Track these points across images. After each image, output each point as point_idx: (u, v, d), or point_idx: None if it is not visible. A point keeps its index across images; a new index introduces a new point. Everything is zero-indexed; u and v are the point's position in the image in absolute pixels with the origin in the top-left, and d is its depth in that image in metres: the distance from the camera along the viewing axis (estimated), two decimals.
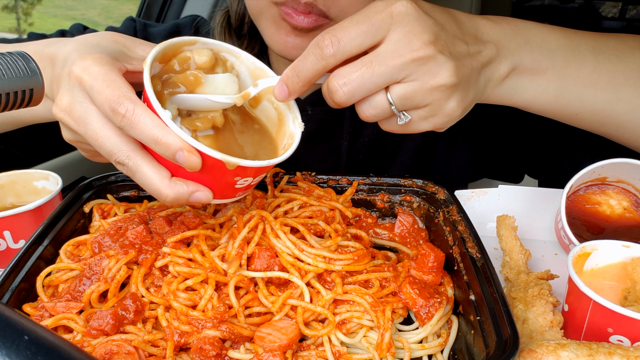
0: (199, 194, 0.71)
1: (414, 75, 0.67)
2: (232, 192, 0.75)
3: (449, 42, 0.69)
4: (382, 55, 0.67)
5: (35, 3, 9.74)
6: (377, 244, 0.93)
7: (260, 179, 0.79)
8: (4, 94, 0.60)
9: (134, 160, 0.69)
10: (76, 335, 0.70)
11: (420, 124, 0.73)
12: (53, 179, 1.04)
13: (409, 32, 0.66)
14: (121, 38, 0.81)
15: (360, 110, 0.72)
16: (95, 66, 0.69)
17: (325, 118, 1.22)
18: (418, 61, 0.66)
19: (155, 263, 0.78)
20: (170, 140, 0.65)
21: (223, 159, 0.67)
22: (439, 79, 0.68)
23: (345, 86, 0.68)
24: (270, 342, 0.69)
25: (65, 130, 0.76)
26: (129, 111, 0.65)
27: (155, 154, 0.69)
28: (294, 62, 0.70)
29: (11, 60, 0.61)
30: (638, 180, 0.94)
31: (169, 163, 0.69)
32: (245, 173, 0.71)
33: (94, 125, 0.69)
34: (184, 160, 0.65)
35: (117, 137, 0.69)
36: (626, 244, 0.78)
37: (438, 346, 0.73)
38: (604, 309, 0.68)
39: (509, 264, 0.87)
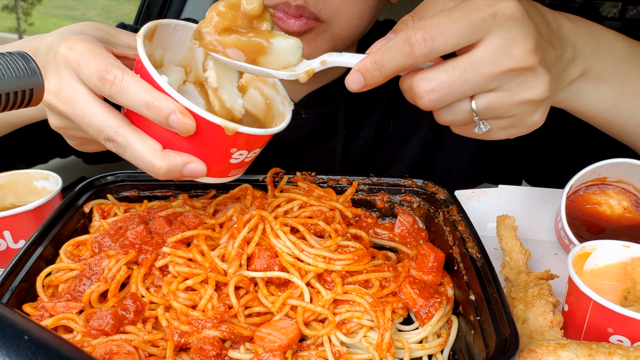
0: (192, 165, 0.68)
1: (506, 85, 0.62)
2: (226, 168, 0.72)
3: (545, 50, 0.64)
4: (478, 62, 0.61)
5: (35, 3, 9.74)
6: (377, 244, 0.93)
7: (252, 159, 0.75)
8: (3, 94, 0.60)
9: (123, 135, 0.67)
10: (76, 335, 0.70)
11: (496, 133, 0.69)
12: (53, 179, 1.04)
13: (511, 38, 0.60)
14: (105, 27, 0.80)
15: (439, 114, 0.67)
16: (80, 43, 0.68)
17: (320, 121, 1.22)
18: (515, 72, 0.61)
19: (155, 263, 0.78)
20: (162, 103, 0.63)
21: (222, 124, 0.64)
22: (533, 93, 0.63)
23: (433, 93, 0.62)
24: (270, 342, 0.69)
25: (53, 115, 0.75)
26: (117, 77, 0.64)
27: (146, 128, 0.67)
28: (375, 54, 0.64)
29: (11, 60, 0.61)
30: (638, 180, 0.94)
31: (160, 137, 0.67)
32: (241, 143, 0.68)
33: (82, 104, 0.68)
34: (177, 123, 0.63)
35: (105, 114, 0.67)
36: (626, 244, 0.78)
37: (438, 346, 0.73)
38: (604, 309, 0.68)
39: (509, 264, 0.87)
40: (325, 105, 1.20)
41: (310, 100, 1.20)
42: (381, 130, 1.26)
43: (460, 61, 0.62)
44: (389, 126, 1.26)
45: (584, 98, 0.77)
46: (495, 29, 0.60)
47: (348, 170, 1.26)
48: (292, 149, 1.24)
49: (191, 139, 0.66)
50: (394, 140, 1.27)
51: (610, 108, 0.80)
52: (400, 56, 0.62)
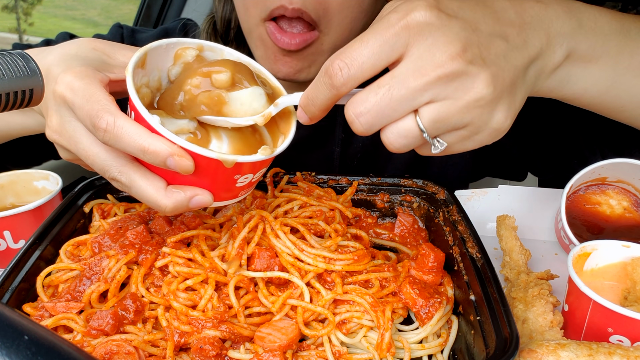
0: (198, 198, 0.68)
1: (443, 94, 0.58)
2: (233, 191, 0.73)
3: (483, 46, 0.59)
4: (402, 76, 0.58)
5: (35, 3, 9.74)
6: (377, 244, 0.93)
7: (262, 176, 0.76)
8: (4, 94, 0.60)
9: (127, 175, 0.67)
10: (76, 335, 0.70)
11: (464, 144, 0.64)
12: (53, 179, 1.04)
13: (431, 45, 0.57)
14: (100, 45, 0.78)
15: (387, 140, 0.63)
16: (76, 81, 0.67)
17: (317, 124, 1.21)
18: (445, 78, 0.57)
19: (155, 263, 0.78)
20: (158, 148, 0.62)
21: (220, 158, 0.65)
22: (474, 94, 0.58)
23: (362, 116, 0.60)
24: (270, 342, 0.69)
25: (61, 150, 0.75)
26: (109, 124, 0.63)
27: (147, 164, 0.67)
28: (307, 90, 0.64)
29: (11, 60, 0.61)
30: (638, 180, 0.94)
31: (163, 171, 0.67)
32: (244, 170, 0.69)
33: (84, 144, 0.68)
34: (175, 165, 0.63)
35: (106, 153, 0.67)
36: (626, 244, 0.78)
37: (438, 346, 0.73)
38: (604, 309, 0.68)
39: (509, 264, 0.87)
40: None
41: None
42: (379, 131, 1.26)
43: (384, 79, 0.59)
44: None
45: (573, 84, 0.71)
46: (412, 39, 0.57)
47: (347, 173, 1.26)
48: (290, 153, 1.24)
49: (194, 173, 0.66)
50: None
51: (606, 91, 0.74)
52: (324, 89, 0.61)
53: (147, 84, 0.73)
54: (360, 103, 0.60)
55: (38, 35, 8.50)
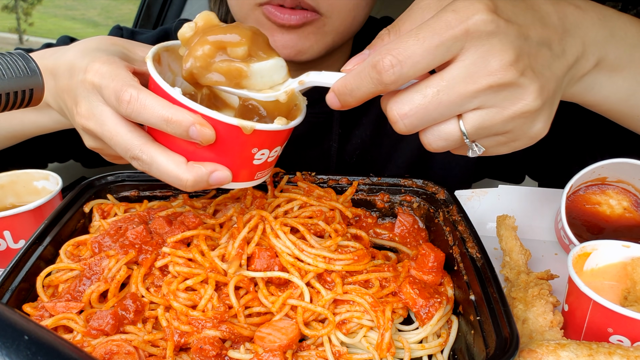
0: (218, 173, 0.69)
1: (491, 102, 0.57)
2: (250, 171, 0.73)
3: (533, 55, 0.58)
4: (452, 81, 0.57)
5: (35, 3, 9.75)
6: (377, 244, 0.93)
7: (275, 158, 0.76)
8: (4, 94, 0.60)
9: (148, 152, 0.68)
10: (76, 335, 0.70)
11: (498, 149, 0.64)
12: (53, 179, 1.04)
13: (487, 51, 0.56)
14: (119, 41, 0.81)
15: (426, 140, 0.62)
16: (103, 66, 0.70)
17: (315, 120, 1.19)
18: (496, 87, 0.56)
19: (155, 263, 0.78)
20: (180, 117, 0.64)
21: (239, 124, 0.65)
22: (521, 106, 0.57)
23: (407, 118, 0.59)
24: (270, 342, 0.69)
25: (88, 137, 0.77)
26: (133, 96, 0.66)
27: (168, 143, 0.69)
28: (347, 78, 0.61)
29: (11, 60, 0.61)
30: (638, 180, 0.94)
31: (182, 149, 0.69)
32: (261, 141, 0.69)
33: (109, 125, 0.70)
34: (197, 134, 0.64)
35: (129, 133, 0.69)
36: (626, 244, 0.78)
37: (438, 346, 0.73)
38: (604, 309, 0.68)
39: (509, 264, 0.87)
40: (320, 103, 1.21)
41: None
42: (378, 127, 1.25)
43: (433, 81, 0.58)
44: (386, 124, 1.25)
45: (598, 90, 0.71)
46: (469, 44, 0.56)
47: (345, 169, 1.25)
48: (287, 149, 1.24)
49: (213, 147, 0.67)
50: (391, 138, 1.26)
51: (626, 99, 0.74)
52: (369, 83, 0.59)
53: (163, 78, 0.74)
54: (405, 103, 0.59)
55: (38, 36, 8.50)
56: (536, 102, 0.58)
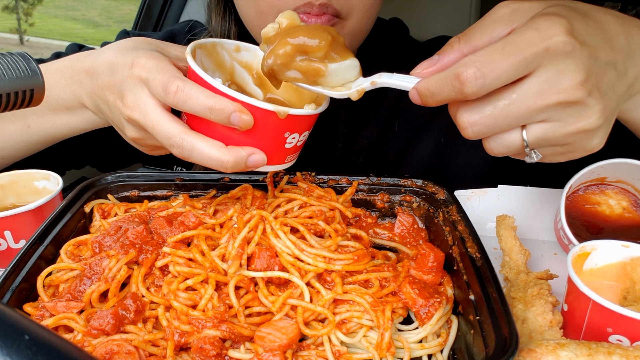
0: (255, 157, 0.75)
1: (557, 116, 0.61)
2: (282, 154, 0.79)
3: (600, 75, 0.61)
4: (524, 95, 0.60)
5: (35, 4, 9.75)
6: (377, 244, 0.93)
7: (303, 142, 0.82)
8: (4, 94, 0.60)
9: (188, 140, 0.73)
10: (77, 335, 0.71)
11: (554, 158, 0.68)
12: (54, 179, 1.04)
13: (561, 70, 0.59)
14: (152, 40, 0.86)
15: (489, 146, 0.66)
16: (149, 61, 0.76)
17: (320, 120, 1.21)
18: (564, 104, 0.60)
19: (155, 263, 0.79)
20: (223, 105, 0.69)
21: (275, 109, 0.71)
22: (585, 124, 0.61)
23: (476, 126, 0.63)
24: (270, 342, 0.69)
25: (131, 128, 0.83)
26: (179, 87, 0.71)
27: (206, 131, 0.75)
28: (430, 83, 0.64)
29: (12, 60, 0.61)
30: (637, 180, 0.94)
31: (220, 136, 0.74)
32: (293, 126, 0.75)
33: (152, 115, 0.75)
34: (238, 120, 0.70)
35: (170, 122, 0.75)
36: (625, 244, 0.79)
37: (438, 346, 0.73)
38: (603, 308, 0.68)
39: (509, 264, 0.87)
40: None
41: None
42: (386, 129, 1.25)
43: (506, 93, 0.61)
44: (394, 124, 1.25)
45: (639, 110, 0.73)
46: (545, 62, 0.59)
47: (351, 170, 1.25)
48: None
49: (249, 132, 0.73)
50: (399, 140, 1.26)
51: None
52: (450, 90, 0.62)
53: None
54: (476, 112, 0.62)
55: (38, 36, 8.49)
56: (599, 121, 0.61)
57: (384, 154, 1.26)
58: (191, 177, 1.00)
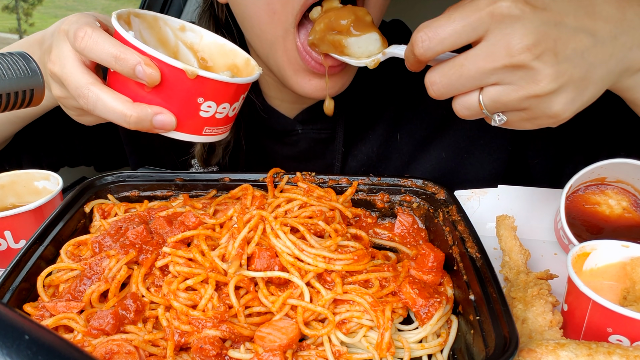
0: (161, 117, 0.75)
1: (508, 79, 0.63)
2: (197, 122, 0.78)
3: (562, 40, 0.62)
4: (474, 58, 0.64)
5: (35, 3, 9.75)
6: (377, 244, 0.93)
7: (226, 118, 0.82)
8: (4, 94, 0.60)
9: (94, 90, 0.74)
10: (77, 335, 0.71)
11: (523, 124, 0.70)
12: (54, 179, 1.04)
13: (508, 34, 0.61)
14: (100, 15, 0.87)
15: (455, 107, 0.71)
16: (75, 16, 0.79)
17: (317, 137, 1.20)
18: (511, 68, 0.62)
19: (155, 263, 0.78)
20: (128, 56, 0.71)
21: (183, 67, 0.71)
22: (535, 88, 0.62)
23: (435, 85, 0.68)
24: (270, 342, 0.69)
25: (54, 85, 0.83)
26: (87, 34, 0.73)
27: (120, 88, 0.75)
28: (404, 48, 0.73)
29: (12, 60, 0.61)
30: (637, 180, 0.94)
31: (132, 94, 0.75)
32: (207, 91, 0.75)
33: (67, 67, 0.77)
34: (143, 73, 0.70)
35: (82, 74, 0.76)
36: (625, 244, 0.79)
37: (438, 346, 0.73)
38: (603, 308, 0.68)
39: (509, 264, 0.87)
40: (322, 120, 1.19)
41: (306, 116, 1.19)
42: (387, 143, 1.23)
43: (460, 58, 0.65)
44: (396, 138, 1.23)
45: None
46: (493, 26, 0.62)
47: None
48: (289, 164, 1.23)
49: (160, 93, 0.74)
50: (401, 153, 1.24)
51: None
52: (409, 54, 0.69)
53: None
54: (436, 73, 0.68)
55: None
56: (550, 85, 0.62)
57: (384, 169, 1.25)
58: (191, 177, 1.00)
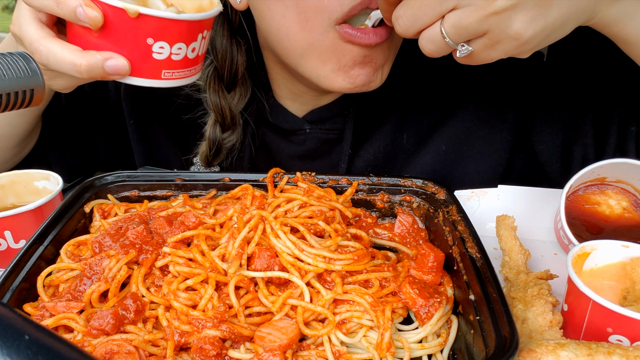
0: (113, 61, 0.75)
1: (466, 1, 0.62)
2: (152, 65, 0.78)
3: None
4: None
5: None
6: (377, 244, 0.93)
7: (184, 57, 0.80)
8: (4, 94, 0.60)
9: (45, 44, 0.76)
10: (77, 335, 0.71)
11: (488, 53, 0.68)
12: (54, 179, 1.04)
13: None
14: None
15: (421, 44, 0.70)
16: None
17: (325, 137, 1.19)
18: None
19: (155, 263, 0.78)
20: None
21: (123, 6, 0.71)
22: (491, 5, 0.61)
23: (400, 19, 0.68)
24: (270, 342, 0.69)
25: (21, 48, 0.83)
26: None
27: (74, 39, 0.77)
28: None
29: (12, 60, 0.61)
30: (637, 180, 0.94)
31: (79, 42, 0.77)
32: (154, 31, 0.74)
33: (24, 25, 0.79)
34: (84, 15, 0.72)
35: (36, 29, 0.78)
36: (625, 244, 0.79)
37: (438, 346, 0.73)
38: (603, 308, 0.68)
39: (509, 264, 0.87)
40: (330, 120, 1.18)
41: (315, 117, 1.18)
42: (393, 143, 1.23)
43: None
44: (402, 139, 1.22)
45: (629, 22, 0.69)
46: None
47: None
48: (295, 163, 1.23)
49: (107, 37, 0.75)
50: (408, 153, 1.24)
51: None
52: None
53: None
54: (399, 8, 0.68)
55: None
56: (506, 2, 0.60)
57: (391, 169, 1.24)
58: (191, 177, 1.00)
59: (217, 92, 1.10)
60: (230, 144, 1.17)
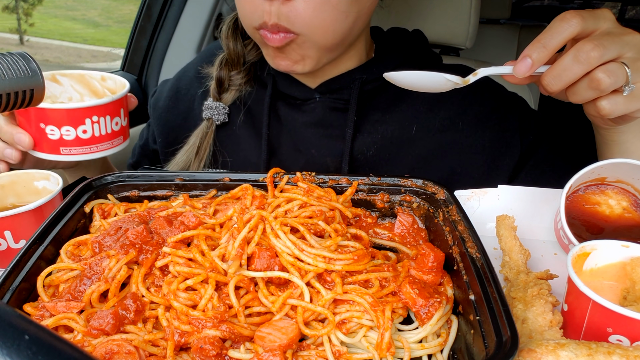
0: (18, 135, 1.00)
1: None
2: (50, 144, 1.00)
3: None
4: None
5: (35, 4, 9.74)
6: (377, 244, 0.93)
7: (76, 138, 1.02)
8: (4, 94, 0.60)
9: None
10: (77, 335, 0.71)
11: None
12: (53, 179, 1.04)
13: None
14: None
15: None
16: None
17: (333, 106, 1.26)
18: None
19: (155, 263, 0.79)
20: None
21: None
22: None
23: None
24: (270, 342, 0.69)
25: None
26: None
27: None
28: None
29: (12, 60, 0.61)
30: (637, 180, 0.94)
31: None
32: (44, 117, 0.95)
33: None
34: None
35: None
36: (625, 244, 0.78)
37: (438, 346, 0.73)
38: (603, 308, 0.68)
39: (509, 264, 0.87)
40: (339, 91, 1.27)
41: (325, 88, 1.26)
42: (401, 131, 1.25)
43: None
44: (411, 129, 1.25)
45: (626, 139, 0.91)
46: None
47: (360, 160, 1.25)
48: (308, 130, 1.29)
49: (19, 118, 0.96)
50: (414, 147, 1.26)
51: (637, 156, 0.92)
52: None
53: None
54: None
55: (38, 36, 8.50)
56: None
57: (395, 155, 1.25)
58: (191, 177, 1.00)
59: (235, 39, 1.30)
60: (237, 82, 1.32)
